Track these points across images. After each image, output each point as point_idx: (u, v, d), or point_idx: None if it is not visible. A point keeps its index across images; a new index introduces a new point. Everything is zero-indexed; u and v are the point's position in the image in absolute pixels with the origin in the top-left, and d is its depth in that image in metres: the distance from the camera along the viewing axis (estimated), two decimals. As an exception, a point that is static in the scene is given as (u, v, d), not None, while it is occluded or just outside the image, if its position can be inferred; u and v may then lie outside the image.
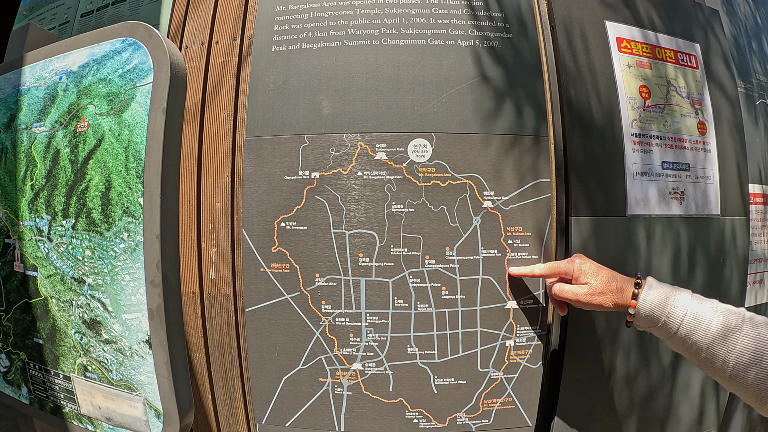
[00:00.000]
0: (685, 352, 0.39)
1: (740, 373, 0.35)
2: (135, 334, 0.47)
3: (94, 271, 0.50)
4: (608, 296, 0.41)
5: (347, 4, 0.50)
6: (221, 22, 0.59)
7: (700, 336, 0.37)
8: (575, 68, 0.54)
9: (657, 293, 0.39)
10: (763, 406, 0.35)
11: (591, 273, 0.42)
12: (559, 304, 0.47)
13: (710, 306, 0.38)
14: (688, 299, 0.38)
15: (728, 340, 0.36)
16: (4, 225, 0.59)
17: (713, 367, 0.37)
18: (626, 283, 0.41)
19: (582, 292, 0.42)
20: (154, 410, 0.48)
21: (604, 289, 0.41)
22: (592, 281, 0.42)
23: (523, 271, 0.47)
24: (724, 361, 0.35)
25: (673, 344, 0.40)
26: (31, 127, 0.57)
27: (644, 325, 0.40)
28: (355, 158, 0.47)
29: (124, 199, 0.47)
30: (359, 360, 0.48)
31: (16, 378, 0.61)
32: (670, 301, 0.38)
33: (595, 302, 0.41)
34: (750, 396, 0.36)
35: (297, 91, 0.48)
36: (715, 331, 0.36)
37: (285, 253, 0.48)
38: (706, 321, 0.37)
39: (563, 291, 0.43)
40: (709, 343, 0.36)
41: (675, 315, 0.38)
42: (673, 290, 0.39)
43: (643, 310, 0.39)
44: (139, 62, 0.49)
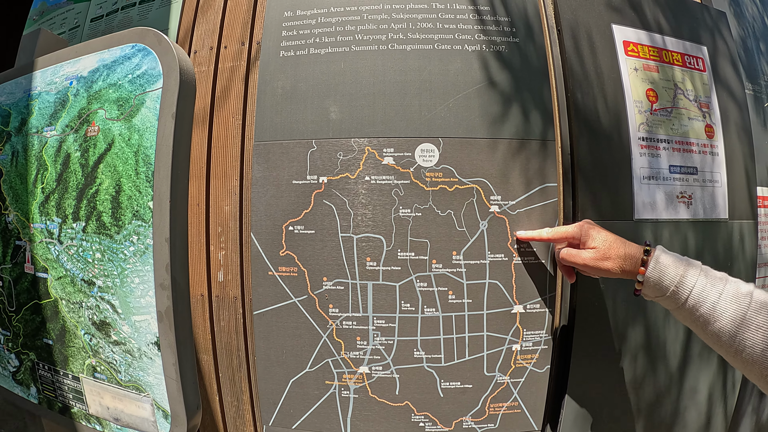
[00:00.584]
0: (692, 325, 0.38)
1: (747, 349, 0.34)
2: (144, 335, 0.48)
3: (104, 274, 0.50)
4: (616, 262, 0.40)
5: (354, 9, 0.50)
6: (230, 26, 0.60)
7: (707, 309, 0.35)
8: (582, 72, 0.54)
9: (667, 262, 0.38)
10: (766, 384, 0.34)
11: (599, 238, 0.41)
12: (567, 270, 0.46)
13: (720, 278, 0.37)
14: (698, 270, 0.37)
15: (736, 315, 0.34)
16: (15, 227, 0.60)
17: (720, 341, 0.35)
18: (635, 249, 0.40)
19: (589, 257, 0.41)
20: (162, 411, 0.49)
21: (612, 254, 0.40)
22: (600, 246, 0.41)
23: (530, 234, 0.47)
24: (731, 335, 0.34)
25: (680, 316, 0.38)
26: (42, 131, 0.57)
27: (652, 294, 0.39)
28: (362, 163, 0.48)
29: (134, 203, 0.48)
30: (366, 363, 0.48)
31: (25, 378, 0.61)
32: (680, 271, 0.37)
33: (603, 267, 0.40)
34: (755, 373, 0.34)
35: (305, 96, 0.49)
36: (724, 305, 0.35)
37: (293, 256, 0.48)
38: (716, 293, 0.35)
39: (570, 255, 0.43)
40: (717, 317, 0.35)
41: (684, 285, 0.37)
42: (683, 260, 0.38)
43: (652, 279, 0.38)
44: (148, 68, 0.49)
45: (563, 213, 0.52)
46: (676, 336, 0.57)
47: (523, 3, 0.53)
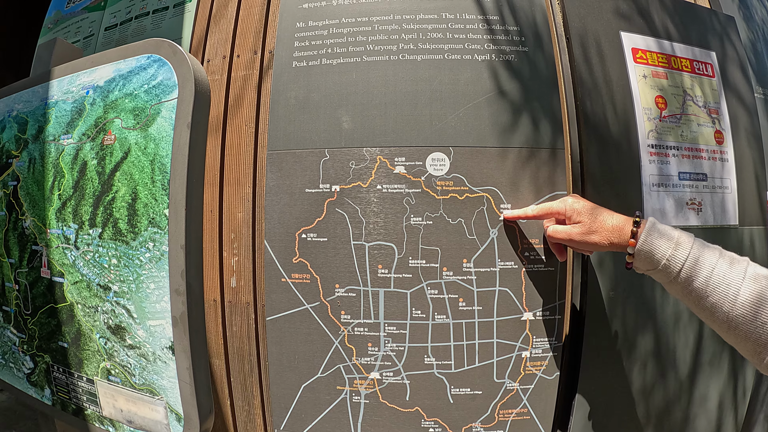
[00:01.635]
0: (684, 299, 0.36)
1: (741, 325, 0.33)
2: (159, 340, 0.49)
3: (119, 279, 0.51)
4: (604, 235, 0.39)
5: (365, 20, 0.51)
6: (242, 36, 0.61)
7: (701, 282, 0.34)
8: (591, 80, 0.54)
9: (659, 233, 0.36)
10: (761, 361, 0.33)
11: (585, 212, 0.40)
12: (558, 249, 0.46)
13: (714, 251, 0.35)
14: (691, 242, 0.36)
15: (731, 288, 0.33)
16: (31, 232, 0.61)
17: (714, 316, 0.34)
18: (624, 222, 0.38)
19: (576, 231, 0.40)
20: (175, 414, 0.50)
21: (599, 227, 0.39)
22: (586, 220, 0.40)
23: (516, 213, 0.47)
24: (725, 310, 0.33)
25: (673, 290, 0.37)
26: (59, 139, 0.59)
27: (644, 267, 0.38)
28: (374, 172, 0.48)
29: (150, 210, 0.49)
30: (377, 369, 0.48)
31: (39, 380, 0.63)
32: (672, 243, 0.36)
33: (590, 241, 0.39)
34: (749, 349, 0.33)
35: (317, 106, 0.50)
36: (718, 279, 0.34)
37: (306, 263, 0.49)
38: (709, 266, 0.34)
39: (556, 231, 0.42)
40: (710, 291, 0.34)
41: (677, 258, 0.35)
42: (676, 232, 0.37)
43: (643, 251, 0.36)
44: (164, 78, 0.50)
45: (573, 220, 0.52)
46: (686, 343, 0.57)
47: (531, 12, 0.53)
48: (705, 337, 0.58)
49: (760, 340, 0.32)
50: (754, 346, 0.33)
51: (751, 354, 0.33)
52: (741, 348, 0.34)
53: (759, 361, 0.33)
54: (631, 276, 0.53)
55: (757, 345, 0.32)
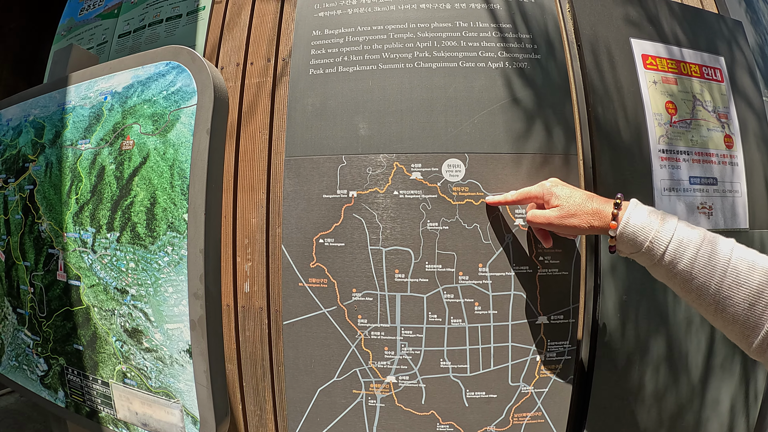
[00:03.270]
0: (670, 282, 0.35)
1: (729, 308, 0.32)
2: (176, 343, 0.49)
3: (137, 283, 0.52)
4: (583, 218, 0.38)
5: (381, 28, 0.52)
6: (255, 43, 0.62)
7: (686, 265, 0.33)
8: (602, 87, 0.55)
9: (641, 215, 0.36)
10: (750, 345, 0.32)
11: (563, 196, 0.40)
12: (542, 234, 0.45)
13: (699, 233, 0.34)
14: (674, 224, 0.35)
15: (716, 270, 0.32)
16: (48, 236, 0.62)
17: (700, 299, 0.33)
18: (604, 204, 0.38)
19: (554, 215, 0.40)
20: (191, 417, 0.50)
21: (578, 210, 0.38)
22: (564, 203, 0.39)
23: (497, 198, 0.47)
24: (712, 293, 0.32)
25: (658, 273, 0.36)
26: (77, 143, 0.59)
27: (627, 250, 0.37)
28: (391, 178, 0.49)
29: (169, 215, 0.49)
30: (393, 373, 0.49)
31: (53, 382, 0.63)
32: (656, 225, 0.35)
33: (569, 224, 0.39)
34: (737, 333, 0.32)
35: (334, 113, 0.50)
36: (703, 260, 0.33)
37: (323, 268, 0.50)
38: (694, 248, 0.33)
39: (535, 216, 0.42)
40: (696, 274, 0.33)
41: (660, 240, 0.34)
42: (659, 214, 0.36)
43: (626, 233, 0.35)
44: (183, 85, 0.51)
45: (586, 225, 0.52)
46: (698, 347, 0.57)
47: (543, 20, 0.54)
48: (717, 340, 0.58)
49: (748, 323, 0.31)
50: (741, 329, 0.32)
51: (739, 338, 0.32)
52: (729, 332, 0.33)
53: (748, 346, 0.32)
54: (644, 280, 0.54)
55: (744, 328, 0.31)
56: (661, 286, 0.54)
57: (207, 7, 0.69)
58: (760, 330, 0.31)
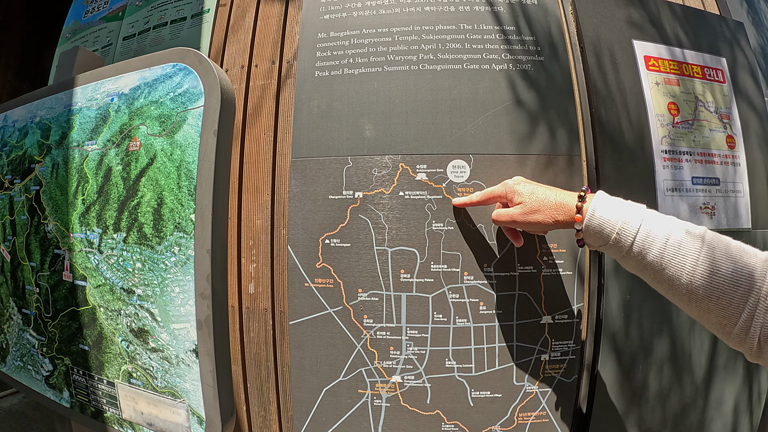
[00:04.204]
0: (641, 273, 0.34)
1: (703, 298, 0.30)
2: (182, 343, 0.50)
3: (143, 283, 0.52)
4: (546, 213, 0.37)
5: (386, 31, 0.52)
6: (260, 46, 0.62)
7: (655, 255, 0.32)
8: (605, 88, 0.55)
9: (607, 207, 0.35)
10: (728, 335, 0.30)
11: (526, 192, 0.39)
12: (512, 234, 0.45)
13: (667, 222, 0.33)
14: (641, 214, 0.34)
15: (687, 260, 0.31)
16: (54, 236, 0.62)
17: (673, 290, 0.32)
18: (569, 197, 0.37)
19: (517, 212, 0.39)
20: (197, 417, 0.50)
21: (540, 206, 0.38)
22: (526, 200, 0.39)
23: (462, 200, 0.47)
24: (683, 283, 0.31)
25: (628, 265, 0.35)
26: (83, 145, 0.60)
27: (595, 243, 0.36)
28: (396, 179, 0.49)
29: (176, 216, 0.50)
30: (398, 372, 0.49)
31: (58, 382, 0.63)
32: (622, 216, 0.34)
33: (533, 221, 0.38)
34: (712, 321, 0.31)
35: (340, 114, 0.51)
36: (673, 249, 0.31)
37: (329, 268, 0.50)
38: (662, 238, 0.32)
39: (500, 215, 0.41)
40: (666, 264, 0.31)
41: (627, 231, 0.33)
42: (626, 204, 0.35)
43: (592, 226, 0.35)
44: (190, 86, 0.51)
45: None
46: (702, 347, 0.57)
47: (546, 22, 0.54)
48: (720, 341, 0.58)
49: (725, 312, 0.30)
50: (718, 318, 0.30)
51: (716, 327, 0.31)
52: (705, 321, 0.32)
53: (726, 335, 0.31)
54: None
55: (721, 317, 0.30)
56: (664, 286, 0.55)
57: (211, 9, 0.69)
58: (737, 319, 0.29)
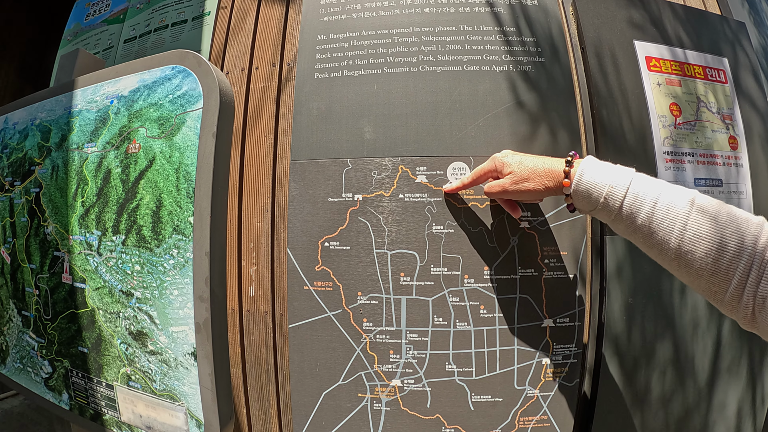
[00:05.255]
0: (632, 237, 0.34)
1: (692, 262, 0.30)
2: (181, 346, 0.49)
3: (142, 285, 0.52)
4: (536, 181, 0.37)
5: (385, 32, 0.52)
6: (260, 48, 0.62)
7: (644, 218, 0.32)
8: (606, 89, 0.55)
9: (595, 170, 0.34)
10: (720, 301, 0.30)
11: (514, 162, 0.40)
12: (509, 205, 0.45)
13: (657, 185, 0.33)
14: (630, 175, 0.33)
15: (676, 223, 0.30)
16: (53, 238, 0.62)
17: (663, 254, 0.32)
18: (557, 163, 0.37)
19: (507, 182, 0.40)
20: (196, 420, 0.50)
21: (530, 174, 0.38)
22: (516, 169, 0.39)
23: (454, 185, 0.46)
24: (672, 247, 0.30)
25: (619, 229, 0.35)
26: (83, 147, 0.60)
27: (585, 208, 0.36)
28: (396, 181, 0.49)
29: (175, 218, 0.49)
30: (398, 376, 0.49)
31: (57, 384, 0.63)
32: (610, 179, 0.34)
33: (524, 189, 0.38)
34: (703, 287, 0.31)
35: (340, 116, 0.51)
36: (662, 213, 0.31)
37: (328, 271, 0.50)
38: (651, 201, 0.32)
39: (491, 187, 0.41)
40: (656, 227, 0.31)
41: (615, 194, 0.33)
42: (614, 167, 0.35)
43: (580, 190, 0.35)
44: (189, 89, 0.51)
45: (591, 228, 0.53)
46: (705, 350, 0.57)
47: (547, 23, 0.54)
48: (723, 344, 0.58)
49: (714, 278, 0.29)
50: (708, 284, 0.30)
51: (708, 293, 0.31)
52: (697, 287, 0.31)
53: (718, 302, 0.30)
54: (650, 283, 0.53)
55: (711, 283, 0.30)
56: (667, 289, 0.54)
57: (212, 12, 0.69)
58: (728, 284, 0.29)
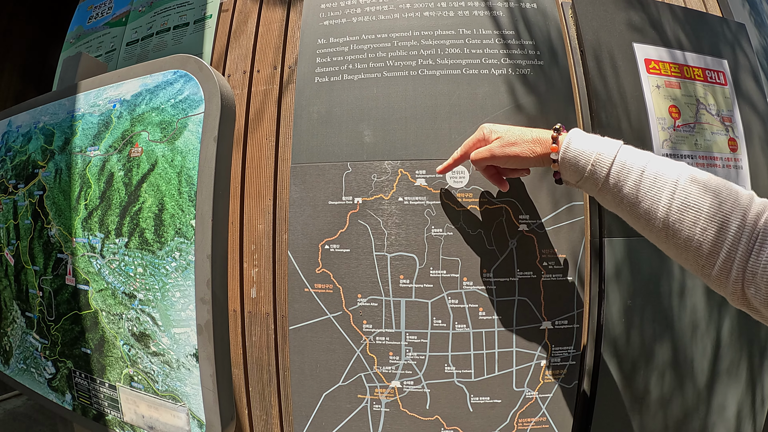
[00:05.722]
0: (618, 209, 0.33)
1: (679, 233, 0.29)
2: (183, 347, 0.50)
3: (145, 287, 0.53)
4: (524, 146, 0.38)
5: (385, 36, 0.52)
6: (262, 51, 0.63)
7: (631, 187, 0.31)
8: (605, 92, 0.55)
9: (583, 139, 0.35)
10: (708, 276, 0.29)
11: (502, 130, 0.40)
12: (497, 180, 0.44)
13: (644, 154, 0.32)
14: (618, 146, 0.33)
15: (664, 192, 0.30)
16: (57, 241, 0.63)
17: (650, 225, 0.31)
18: (544, 132, 0.38)
19: (495, 146, 0.39)
20: (197, 420, 0.51)
21: (518, 140, 0.38)
22: (503, 135, 0.39)
23: (446, 163, 0.45)
24: (659, 216, 0.30)
25: (605, 201, 0.34)
26: (86, 150, 0.61)
27: (572, 178, 0.35)
28: (396, 184, 0.49)
29: (177, 221, 0.50)
30: (398, 378, 0.49)
31: (60, 385, 0.64)
32: (597, 148, 0.33)
33: (511, 153, 0.38)
34: (690, 261, 0.30)
35: (340, 120, 0.51)
36: (649, 182, 0.30)
37: (328, 274, 0.50)
38: (638, 169, 0.31)
39: (479, 153, 0.41)
40: (642, 197, 0.30)
41: (602, 162, 0.33)
42: (602, 138, 0.35)
43: (567, 158, 0.35)
44: (190, 93, 0.52)
45: (590, 231, 0.53)
46: (704, 352, 0.57)
47: (546, 26, 0.54)
48: (723, 346, 0.58)
49: (701, 250, 0.28)
50: (695, 257, 0.29)
51: (694, 266, 0.30)
52: (684, 260, 0.31)
53: (706, 275, 0.29)
54: (649, 286, 0.54)
55: (698, 256, 0.29)
56: (666, 291, 0.54)
57: (214, 15, 0.70)
58: (716, 258, 0.28)
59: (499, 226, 0.49)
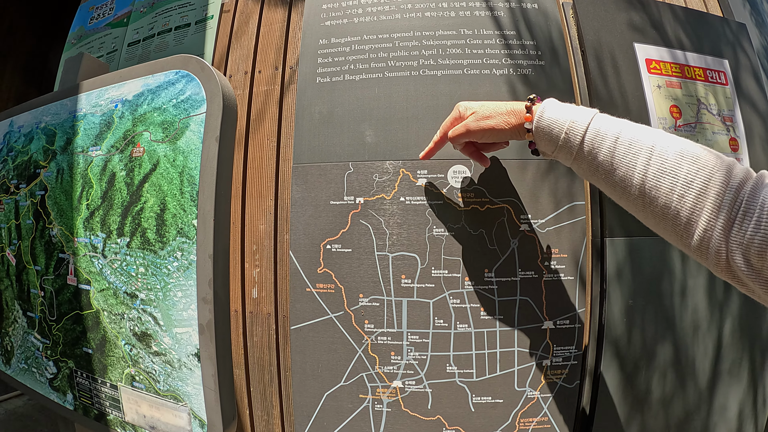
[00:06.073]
0: (594, 178, 0.33)
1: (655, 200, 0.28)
2: (184, 347, 0.50)
3: (146, 287, 0.53)
4: (499, 119, 0.37)
5: (386, 37, 0.53)
6: (263, 52, 0.63)
7: (606, 154, 0.30)
8: (606, 92, 0.55)
9: (557, 108, 0.34)
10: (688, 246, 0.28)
11: (477, 105, 0.40)
12: (477, 156, 0.44)
13: (620, 122, 0.31)
14: (592, 113, 0.33)
15: (640, 157, 0.29)
16: (58, 241, 0.63)
17: (626, 193, 0.30)
18: (519, 104, 0.37)
19: (470, 120, 0.39)
20: (199, 420, 0.51)
21: (492, 113, 0.38)
22: (477, 110, 0.39)
23: (427, 148, 0.45)
24: (635, 183, 0.29)
25: (581, 169, 0.33)
26: (88, 150, 0.61)
27: (547, 148, 0.35)
28: (397, 184, 0.49)
29: (179, 221, 0.50)
30: (399, 378, 0.49)
31: (62, 384, 0.64)
32: (570, 116, 0.33)
33: (486, 126, 0.38)
34: (669, 230, 0.29)
35: (341, 120, 0.51)
36: (624, 148, 0.29)
37: (330, 274, 0.50)
38: (612, 136, 0.30)
39: (456, 130, 0.40)
40: (617, 164, 0.30)
41: (576, 129, 0.32)
42: (577, 107, 0.34)
43: (542, 126, 0.34)
44: (192, 93, 0.52)
45: (591, 230, 0.53)
46: (705, 352, 0.57)
47: (547, 26, 0.54)
48: (724, 346, 0.58)
49: (679, 218, 0.27)
50: (673, 225, 0.28)
51: (673, 236, 0.29)
52: (662, 230, 0.30)
53: (686, 246, 0.28)
54: (650, 286, 0.54)
55: (676, 225, 0.28)
56: (667, 291, 0.54)
57: (215, 16, 0.70)
58: (694, 226, 0.27)
59: (500, 225, 0.49)
